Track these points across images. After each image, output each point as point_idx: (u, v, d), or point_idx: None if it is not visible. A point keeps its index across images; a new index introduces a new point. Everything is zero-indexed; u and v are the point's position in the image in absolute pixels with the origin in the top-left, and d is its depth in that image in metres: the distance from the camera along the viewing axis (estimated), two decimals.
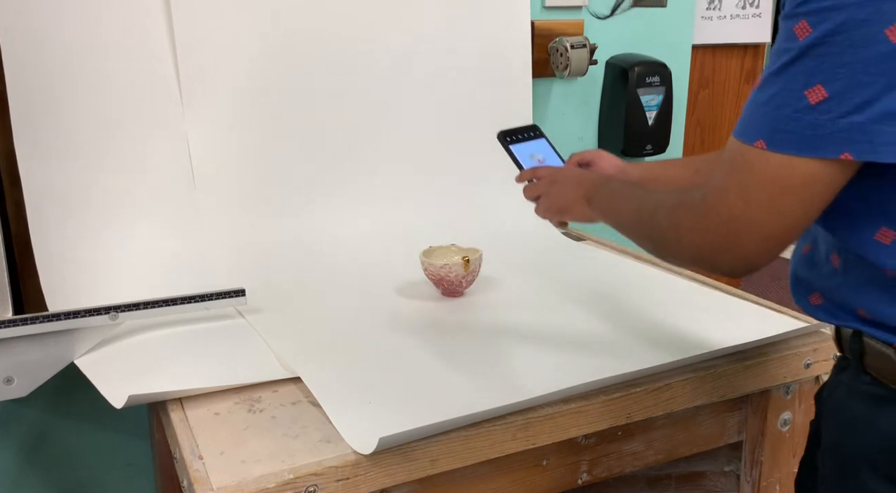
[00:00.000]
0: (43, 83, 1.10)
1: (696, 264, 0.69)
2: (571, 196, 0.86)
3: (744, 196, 0.61)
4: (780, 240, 0.62)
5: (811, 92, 0.56)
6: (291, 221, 1.29)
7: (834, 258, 0.69)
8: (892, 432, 0.64)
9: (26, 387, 0.96)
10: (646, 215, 0.74)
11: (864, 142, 0.55)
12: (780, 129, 0.58)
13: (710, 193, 0.64)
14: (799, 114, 0.57)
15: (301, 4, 1.28)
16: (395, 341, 0.97)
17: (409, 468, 0.73)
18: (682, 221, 0.67)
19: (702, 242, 0.65)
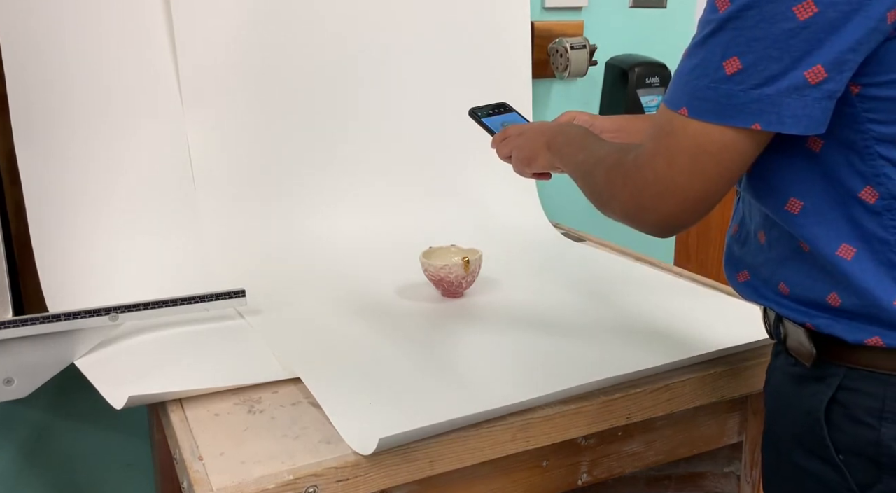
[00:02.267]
0: (43, 83, 1.10)
1: (626, 222, 0.71)
2: (535, 145, 0.88)
3: (668, 160, 0.63)
4: (701, 203, 0.64)
5: (728, 63, 0.58)
6: (291, 222, 1.29)
7: (760, 236, 0.72)
8: (811, 407, 0.67)
9: (26, 388, 0.96)
10: (589, 168, 0.76)
11: (772, 113, 0.58)
12: (700, 97, 0.60)
13: (640, 154, 0.66)
14: (716, 84, 0.59)
15: (301, 6, 1.28)
16: (395, 341, 0.97)
17: (409, 469, 0.73)
18: (616, 180, 0.70)
19: (630, 202, 0.68)
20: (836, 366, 0.66)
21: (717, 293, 1.10)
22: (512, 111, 1.05)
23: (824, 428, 0.66)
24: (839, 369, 0.65)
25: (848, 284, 0.63)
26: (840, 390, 0.65)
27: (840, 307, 0.65)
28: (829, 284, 0.65)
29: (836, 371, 0.66)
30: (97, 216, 1.14)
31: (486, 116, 1.02)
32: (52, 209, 1.10)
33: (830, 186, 0.63)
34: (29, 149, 1.09)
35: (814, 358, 0.67)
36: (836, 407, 0.65)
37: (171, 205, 1.20)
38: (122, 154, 1.16)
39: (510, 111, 1.05)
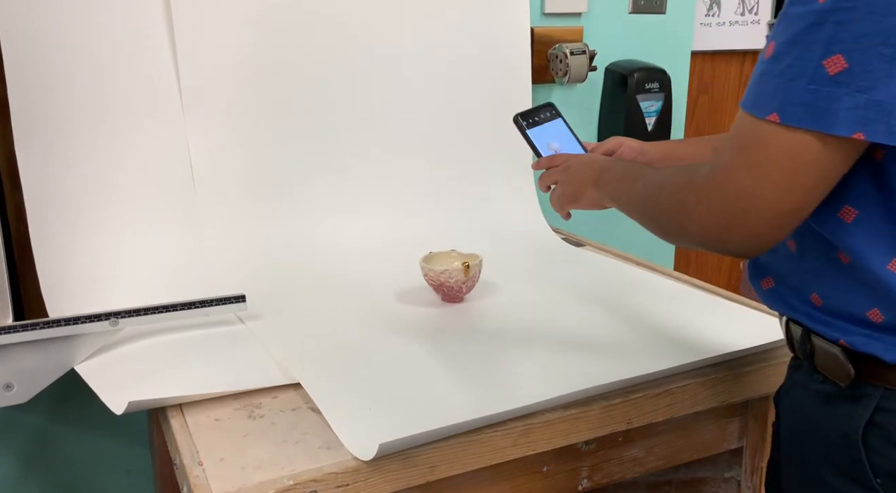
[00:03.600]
0: (44, 87, 1.10)
1: (703, 244, 0.65)
2: (582, 181, 0.84)
3: (755, 172, 0.58)
4: (791, 217, 0.59)
5: (830, 62, 0.52)
6: (292, 227, 1.29)
7: (790, 243, 0.68)
8: (847, 429, 0.64)
9: (26, 393, 0.96)
10: (651, 195, 0.71)
11: (880, 122, 0.52)
12: (795, 101, 0.54)
13: (718, 168, 0.61)
14: (815, 85, 0.53)
15: (301, 10, 1.28)
16: (396, 346, 0.97)
17: (409, 475, 0.73)
18: (688, 201, 0.64)
19: (709, 221, 0.62)
20: (871, 386, 0.63)
21: (717, 298, 1.10)
22: (558, 116, 1.00)
23: (861, 451, 0.63)
24: (876, 389, 0.63)
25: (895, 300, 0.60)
26: (878, 411, 0.62)
27: (882, 324, 0.62)
28: (871, 298, 0.62)
29: (872, 392, 0.63)
30: (97, 220, 1.14)
31: (531, 125, 0.96)
32: (53, 213, 1.10)
33: (888, 197, 0.59)
34: (29, 152, 1.09)
35: (851, 378, 0.64)
36: (873, 430, 0.63)
37: (171, 209, 1.20)
38: (123, 158, 1.16)
39: (556, 116, 1.00)
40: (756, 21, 1.97)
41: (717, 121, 2.04)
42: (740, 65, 2.02)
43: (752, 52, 2.01)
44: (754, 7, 1.96)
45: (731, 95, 2.03)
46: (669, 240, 0.70)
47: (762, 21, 1.98)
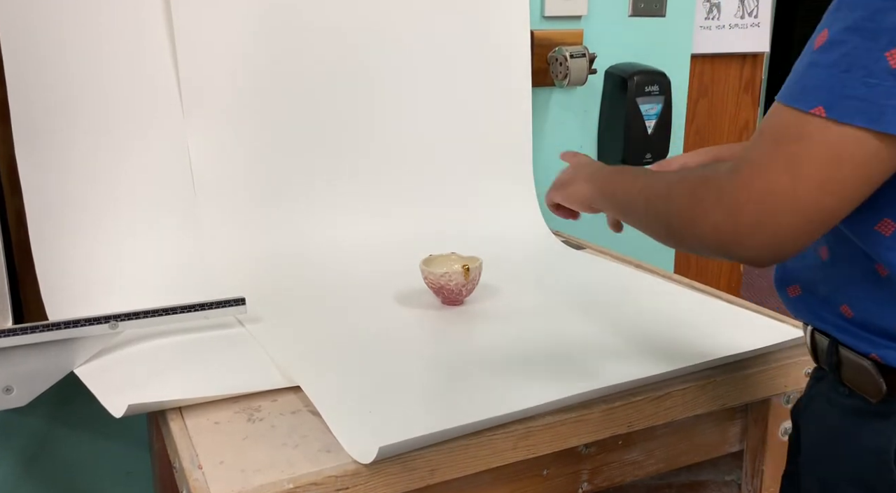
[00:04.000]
0: (44, 92, 1.10)
1: (716, 249, 0.59)
2: (577, 174, 0.81)
3: (792, 170, 0.52)
4: (823, 223, 0.54)
5: (894, 53, 0.47)
6: (291, 230, 1.29)
7: (823, 250, 0.65)
8: (878, 447, 0.61)
9: (26, 396, 0.96)
10: (660, 193, 0.65)
11: None
12: (848, 95, 0.49)
13: (744, 165, 0.55)
14: (874, 79, 0.48)
15: (302, 15, 1.28)
16: (395, 349, 0.97)
17: (409, 478, 0.73)
18: (706, 197, 0.58)
19: (727, 222, 0.56)
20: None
21: (718, 301, 1.10)
22: None
23: (894, 471, 0.60)
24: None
25: None
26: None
27: None
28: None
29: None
30: (98, 224, 1.14)
31: None
32: (53, 217, 1.10)
33: None
34: (30, 157, 1.09)
35: (883, 394, 0.60)
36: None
37: (171, 213, 1.20)
38: (123, 162, 1.16)
39: None
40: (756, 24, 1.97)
41: (716, 124, 2.04)
42: (740, 68, 2.02)
43: (752, 55, 2.01)
44: (754, 10, 1.96)
45: (731, 98, 2.04)
46: (672, 243, 0.65)
47: (762, 24, 1.98)
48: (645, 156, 1.63)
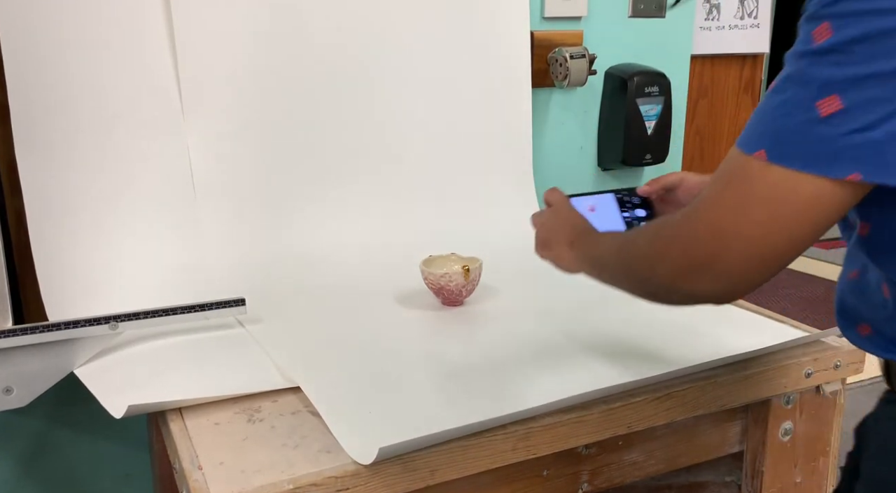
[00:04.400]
0: (44, 93, 1.10)
1: (674, 289, 0.62)
2: (559, 234, 0.82)
3: (738, 210, 0.55)
4: (771, 263, 0.56)
5: (824, 102, 0.50)
6: (291, 230, 1.29)
7: (885, 288, 0.63)
8: None
9: (25, 397, 0.96)
10: (627, 241, 0.69)
11: (878, 162, 0.50)
12: (786, 140, 0.52)
13: (699, 204, 0.58)
14: (808, 125, 0.51)
15: (302, 15, 1.28)
16: (395, 350, 0.97)
17: (409, 479, 0.73)
18: (663, 238, 0.61)
19: (681, 259, 0.59)
20: None
21: None
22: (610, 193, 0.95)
23: None
24: None
25: None
26: None
27: None
28: None
29: None
30: (98, 225, 1.14)
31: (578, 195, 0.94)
32: (53, 218, 1.10)
33: None
34: (30, 158, 1.09)
35: None
36: None
37: (171, 213, 1.20)
38: (123, 163, 1.16)
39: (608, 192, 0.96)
40: (755, 25, 1.97)
41: (716, 125, 2.04)
42: (740, 68, 2.02)
43: (752, 56, 2.01)
44: (754, 11, 1.96)
45: (731, 99, 2.04)
46: (642, 293, 0.67)
47: (762, 25, 1.98)
48: (645, 157, 1.63)
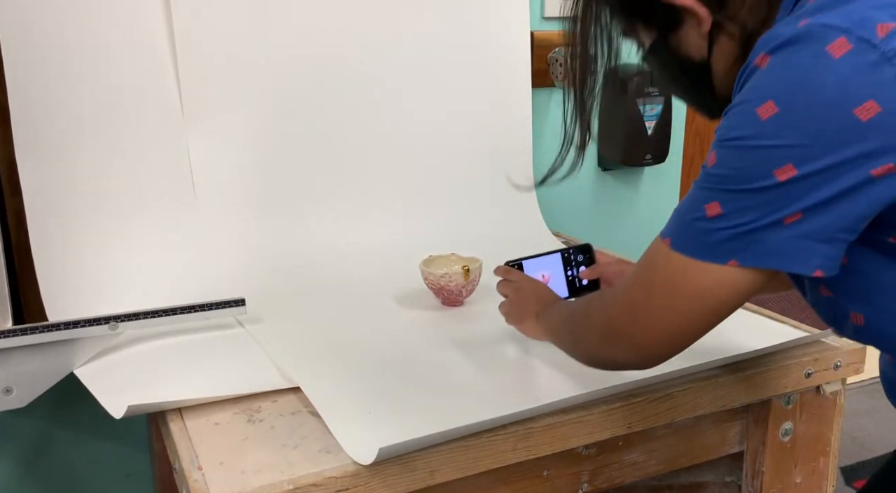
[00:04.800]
0: (44, 93, 1.10)
1: (597, 355, 0.72)
2: (527, 309, 0.90)
3: (646, 290, 0.64)
4: (678, 339, 0.65)
5: (709, 206, 0.59)
6: (291, 231, 1.29)
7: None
8: None
9: (25, 397, 0.96)
10: (571, 314, 0.78)
11: (749, 250, 0.58)
12: (682, 232, 0.62)
13: (621, 283, 0.67)
14: (698, 222, 0.60)
15: (302, 15, 1.28)
16: (395, 350, 0.97)
17: (409, 479, 0.73)
18: (593, 311, 0.71)
19: (602, 329, 0.69)
20: None
21: None
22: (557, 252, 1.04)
23: None
24: None
25: None
26: None
27: None
28: None
29: None
30: (98, 225, 1.14)
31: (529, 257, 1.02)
32: (53, 218, 1.10)
33: None
34: (30, 158, 1.09)
35: None
36: None
37: (171, 213, 1.20)
38: (123, 163, 1.16)
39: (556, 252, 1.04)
40: None
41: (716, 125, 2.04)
42: None
43: None
44: None
45: None
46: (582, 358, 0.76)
47: None
48: (645, 157, 1.63)
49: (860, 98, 0.52)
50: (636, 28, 0.73)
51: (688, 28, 0.68)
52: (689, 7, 0.66)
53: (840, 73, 0.53)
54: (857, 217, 0.56)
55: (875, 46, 0.52)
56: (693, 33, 0.68)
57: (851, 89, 0.52)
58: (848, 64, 0.52)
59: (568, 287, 1.02)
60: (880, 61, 0.52)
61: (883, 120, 0.52)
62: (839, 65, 0.53)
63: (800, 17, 0.56)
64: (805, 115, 0.54)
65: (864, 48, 0.52)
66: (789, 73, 0.55)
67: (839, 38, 0.53)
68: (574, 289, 1.02)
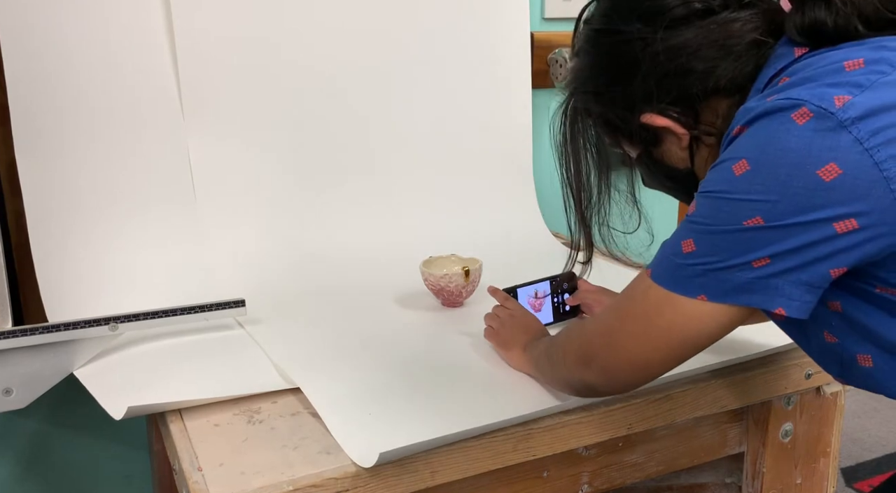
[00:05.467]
0: (44, 94, 1.10)
1: (571, 377, 0.75)
2: (515, 338, 0.91)
3: (622, 317, 0.69)
4: (647, 367, 0.69)
5: (685, 243, 0.64)
6: (291, 231, 1.29)
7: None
8: None
9: (25, 398, 0.96)
10: (552, 340, 0.81)
11: (716, 287, 0.62)
12: (661, 265, 0.66)
13: (602, 309, 0.72)
14: (674, 257, 0.65)
15: (302, 16, 1.28)
16: (395, 351, 0.97)
17: (410, 480, 0.73)
18: (572, 337, 0.76)
19: (578, 352, 0.73)
20: None
21: None
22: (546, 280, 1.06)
23: None
24: None
25: None
26: None
27: None
28: None
29: None
30: (98, 226, 1.14)
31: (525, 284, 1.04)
32: (53, 219, 1.10)
33: None
34: (30, 159, 1.09)
35: None
36: None
37: (171, 215, 1.20)
38: (123, 164, 1.16)
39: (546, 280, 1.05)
40: None
41: None
42: None
43: None
44: None
45: None
46: (555, 378, 0.79)
47: None
48: None
49: (822, 160, 0.57)
50: (621, 143, 0.78)
51: (668, 143, 0.75)
52: (667, 126, 0.72)
53: (802, 137, 0.58)
54: (823, 268, 0.60)
55: (833, 114, 0.57)
56: (674, 147, 0.74)
57: (814, 152, 0.58)
58: (809, 129, 0.58)
59: (553, 312, 1.05)
60: (837, 128, 0.57)
61: (844, 181, 0.57)
62: (802, 130, 0.58)
63: (770, 94, 0.63)
64: (773, 173, 0.59)
65: (824, 116, 0.58)
66: (760, 136, 0.61)
67: (802, 108, 0.59)
68: (558, 314, 1.05)
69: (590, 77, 0.76)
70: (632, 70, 0.71)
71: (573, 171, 0.81)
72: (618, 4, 0.73)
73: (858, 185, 0.57)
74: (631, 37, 0.71)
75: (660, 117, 0.72)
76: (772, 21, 0.69)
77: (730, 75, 0.69)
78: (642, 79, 0.71)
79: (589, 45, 0.76)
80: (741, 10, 0.69)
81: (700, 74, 0.69)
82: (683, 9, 0.69)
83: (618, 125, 0.76)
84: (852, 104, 0.57)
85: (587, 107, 0.78)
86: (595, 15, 0.76)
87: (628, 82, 0.72)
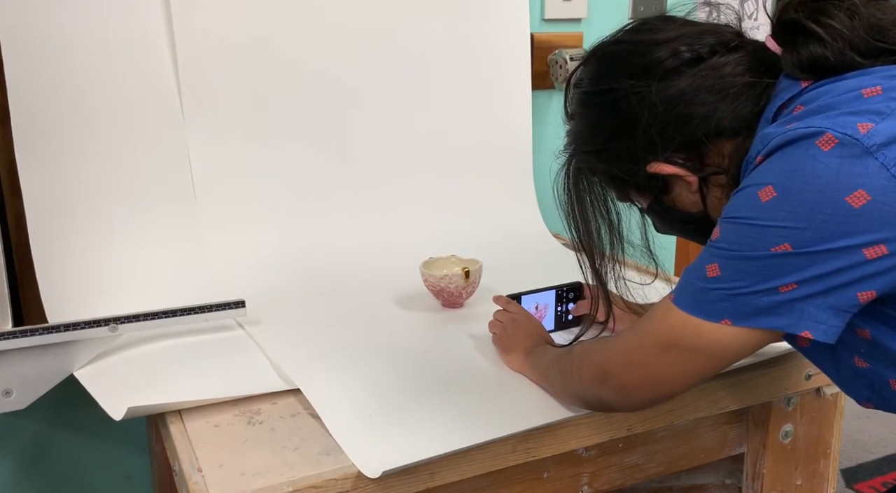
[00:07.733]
0: (44, 94, 1.10)
1: (586, 393, 0.75)
2: (518, 343, 0.91)
3: (642, 338, 0.69)
4: (663, 387, 0.69)
5: (710, 267, 0.64)
6: (291, 233, 1.29)
7: None
8: None
9: (25, 399, 0.96)
10: (564, 354, 0.80)
11: (740, 312, 0.63)
12: (685, 290, 0.67)
13: (624, 330, 0.72)
14: (698, 281, 0.65)
15: (302, 16, 1.28)
16: (395, 352, 0.97)
17: (409, 481, 0.73)
18: (589, 351, 0.76)
19: (595, 369, 0.73)
20: None
21: None
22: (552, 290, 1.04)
23: None
24: None
25: None
26: None
27: None
28: None
29: None
30: (98, 226, 1.14)
31: (529, 292, 1.02)
32: (53, 220, 1.10)
33: None
34: (30, 160, 1.09)
35: None
36: None
37: (171, 215, 1.20)
38: (123, 165, 1.16)
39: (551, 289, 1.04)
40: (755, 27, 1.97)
41: None
42: None
43: None
44: (754, 13, 1.96)
45: None
46: (570, 396, 0.79)
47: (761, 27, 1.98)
48: None
49: (851, 187, 0.58)
50: (629, 195, 0.80)
51: (678, 189, 0.76)
52: (675, 173, 0.73)
53: (830, 164, 0.58)
54: (851, 292, 0.60)
55: (858, 140, 0.58)
56: (685, 192, 0.76)
57: (842, 178, 0.58)
58: (835, 156, 0.58)
59: (555, 321, 1.04)
60: (864, 154, 0.58)
61: (873, 207, 0.57)
62: (828, 157, 0.59)
63: (788, 122, 0.63)
64: (800, 200, 0.59)
65: (849, 143, 0.58)
66: (786, 162, 0.61)
67: (826, 135, 0.59)
68: (560, 323, 1.05)
69: (589, 137, 0.78)
70: (631, 124, 0.72)
71: (583, 230, 0.81)
72: (606, 65, 0.76)
73: (887, 210, 0.57)
74: (625, 93, 0.72)
75: (666, 165, 0.73)
76: (761, 60, 0.71)
77: (730, 116, 0.70)
78: (643, 131, 0.72)
79: (583, 108, 0.78)
80: (729, 53, 0.71)
81: (701, 119, 0.70)
82: (674, 60, 0.71)
83: (624, 179, 0.77)
84: (876, 131, 0.58)
85: (591, 166, 0.79)
86: (584, 78, 0.78)
87: (629, 136, 0.73)
